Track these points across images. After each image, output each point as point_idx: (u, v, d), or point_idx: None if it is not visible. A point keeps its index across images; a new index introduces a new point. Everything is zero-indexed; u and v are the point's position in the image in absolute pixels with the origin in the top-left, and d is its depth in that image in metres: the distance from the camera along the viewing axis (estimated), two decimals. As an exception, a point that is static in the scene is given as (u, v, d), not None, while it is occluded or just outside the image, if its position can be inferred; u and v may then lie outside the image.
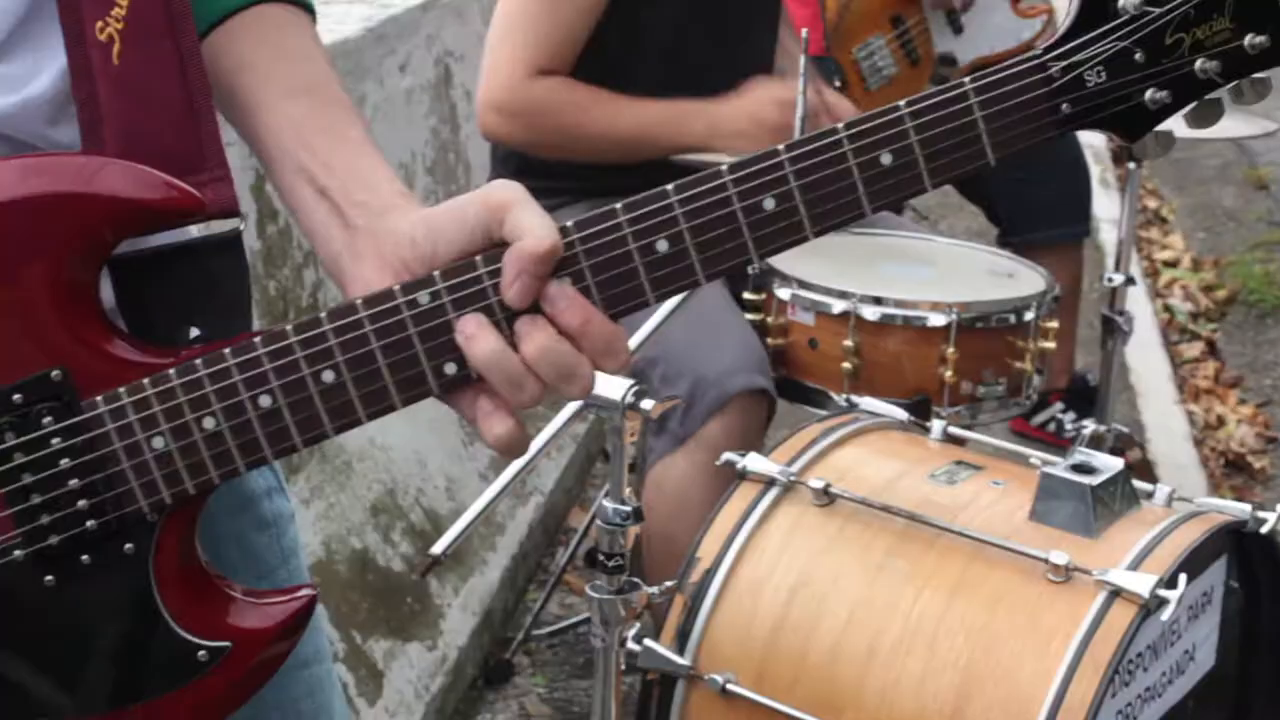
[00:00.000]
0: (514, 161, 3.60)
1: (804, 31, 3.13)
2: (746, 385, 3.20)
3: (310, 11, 1.62)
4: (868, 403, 2.95)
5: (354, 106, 1.57)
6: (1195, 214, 8.01)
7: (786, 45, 3.74)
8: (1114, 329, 4.06)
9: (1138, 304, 6.14)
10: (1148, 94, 1.37)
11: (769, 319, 3.32)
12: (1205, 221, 7.94)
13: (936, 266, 3.53)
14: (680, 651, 2.54)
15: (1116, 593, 2.33)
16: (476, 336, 1.37)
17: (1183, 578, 2.35)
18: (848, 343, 3.23)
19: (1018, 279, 3.48)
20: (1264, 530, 2.59)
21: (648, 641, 2.54)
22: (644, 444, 3.26)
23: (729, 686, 2.49)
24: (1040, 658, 2.33)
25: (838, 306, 3.24)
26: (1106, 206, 7.03)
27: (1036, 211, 4.78)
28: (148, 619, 1.43)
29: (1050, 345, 3.36)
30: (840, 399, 3.02)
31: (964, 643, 2.39)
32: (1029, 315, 3.29)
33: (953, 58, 4.49)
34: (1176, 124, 1.42)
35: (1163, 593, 2.31)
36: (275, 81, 1.55)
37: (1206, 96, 1.38)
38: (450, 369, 1.39)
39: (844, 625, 2.46)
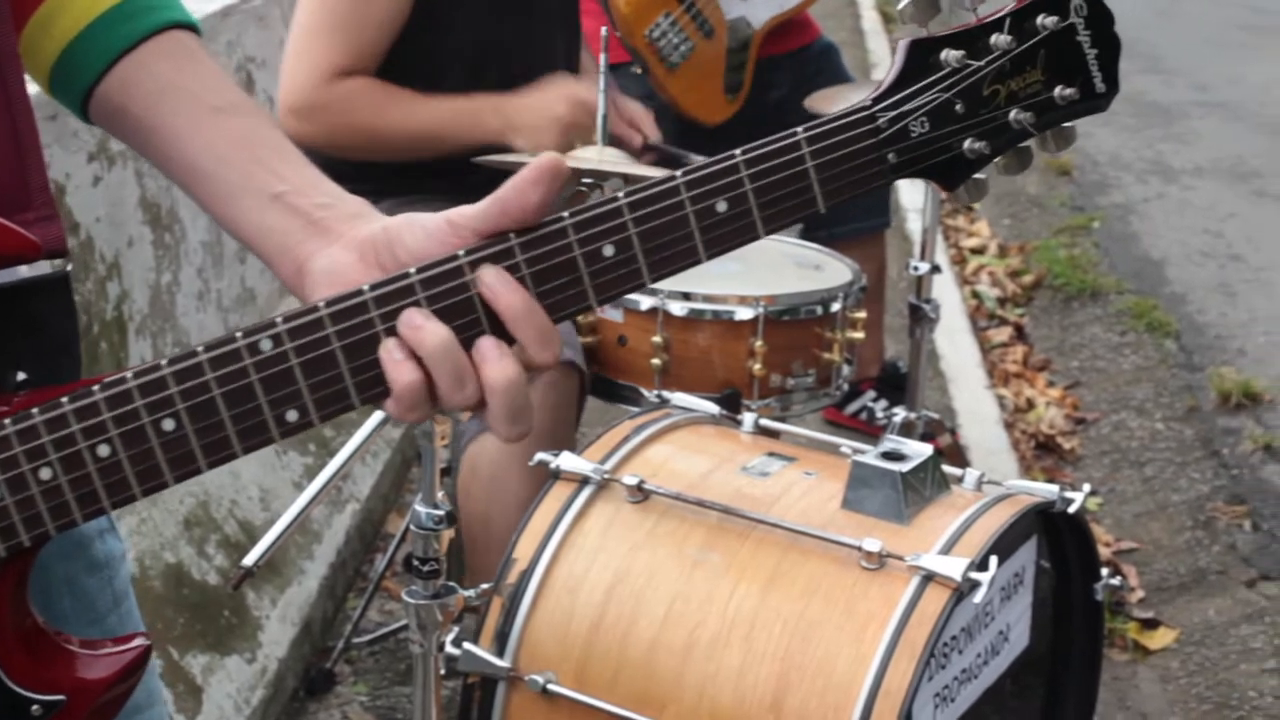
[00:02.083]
0: (316, 165, 3.55)
1: (603, 30, 3.12)
2: None
3: (199, 34, 1.61)
4: (679, 398, 2.96)
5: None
6: (1000, 201, 8.12)
7: (586, 65, 3.74)
8: (921, 317, 4.11)
9: (946, 291, 6.24)
10: (966, 144, 1.40)
11: (578, 316, 3.31)
12: (1010, 208, 8.06)
13: (743, 260, 3.54)
14: (499, 654, 2.53)
15: (929, 577, 2.36)
16: (425, 327, 1.34)
17: (994, 560, 2.38)
18: (656, 339, 3.24)
19: (824, 271, 3.51)
20: (1072, 510, 2.64)
21: (467, 645, 2.53)
22: (456, 447, 3.24)
23: (550, 687, 2.49)
24: (857, 644, 2.35)
25: (646, 303, 3.25)
26: (912, 196, 7.11)
27: (837, 206, 4.79)
28: None
29: (858, 335, 3.40)
30: (651, 395, 3.02)
31: (781, 633, 2.40)
32: (835, 306, 3.32)
33: (746, 23, 4.46)
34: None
35: (974, 575, 2.34)
36: (204, 99, 1.53)
37: (1019, 145, 1.42)
38: (292, 416, 1.36)
39: (662, 621, 2.47)
